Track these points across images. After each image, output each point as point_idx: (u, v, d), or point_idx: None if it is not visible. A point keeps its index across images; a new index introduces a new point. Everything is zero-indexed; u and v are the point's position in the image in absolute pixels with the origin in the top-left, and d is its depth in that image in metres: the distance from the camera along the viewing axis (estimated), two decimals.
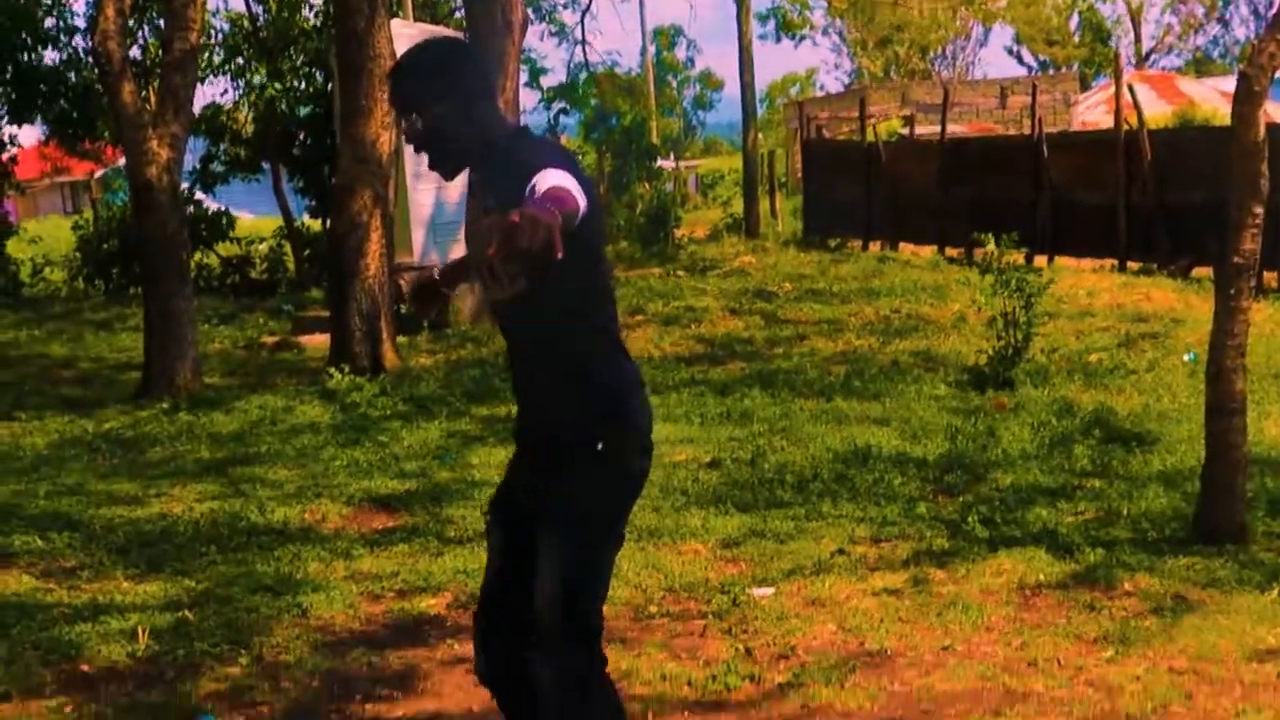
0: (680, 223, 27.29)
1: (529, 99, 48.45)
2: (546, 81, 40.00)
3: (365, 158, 13.47)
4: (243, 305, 20.10)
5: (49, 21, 22.40)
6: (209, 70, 22.44)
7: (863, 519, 7.84)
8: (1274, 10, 7.39)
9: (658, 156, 31.78)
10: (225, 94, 24.84)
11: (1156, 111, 28.63)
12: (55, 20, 22.48)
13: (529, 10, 19.56)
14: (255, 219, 27.61)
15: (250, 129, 23.22)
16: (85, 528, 7.99)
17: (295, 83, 22.43)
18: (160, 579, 7.03)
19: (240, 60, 23.07)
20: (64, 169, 31.65)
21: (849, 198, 23.62)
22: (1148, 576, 6.64)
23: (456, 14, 24.70)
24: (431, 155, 3.86)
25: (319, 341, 15.19)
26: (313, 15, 22.73)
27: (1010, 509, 7.93)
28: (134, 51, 20.26)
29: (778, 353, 13.86)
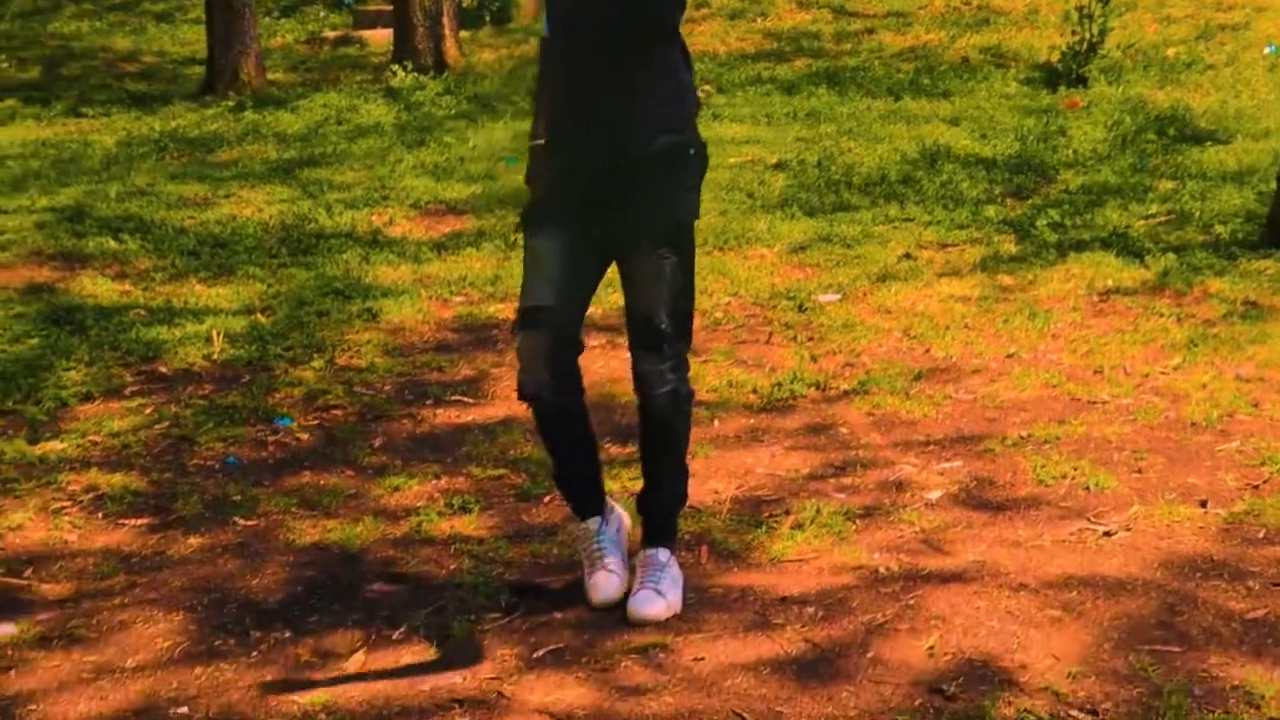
0: None
1: None
2: None
3: None
4: None
5: None
6: None
7: (930, 222, 7.78)
8: None
9: None
10: None
11: None
12: None
13: None
14: None
15: None
16: (156, 230, 8.05)
17: None
18: (232, 282, 7.11)
19: None
20: None
21: None
22: (1218, 281, 6.57)
23: None
24: None
25: (381, 37, 14.99)
26: None
27: (1080, 212, 7.84)
28: None
29: (845, 49, 13.57)
